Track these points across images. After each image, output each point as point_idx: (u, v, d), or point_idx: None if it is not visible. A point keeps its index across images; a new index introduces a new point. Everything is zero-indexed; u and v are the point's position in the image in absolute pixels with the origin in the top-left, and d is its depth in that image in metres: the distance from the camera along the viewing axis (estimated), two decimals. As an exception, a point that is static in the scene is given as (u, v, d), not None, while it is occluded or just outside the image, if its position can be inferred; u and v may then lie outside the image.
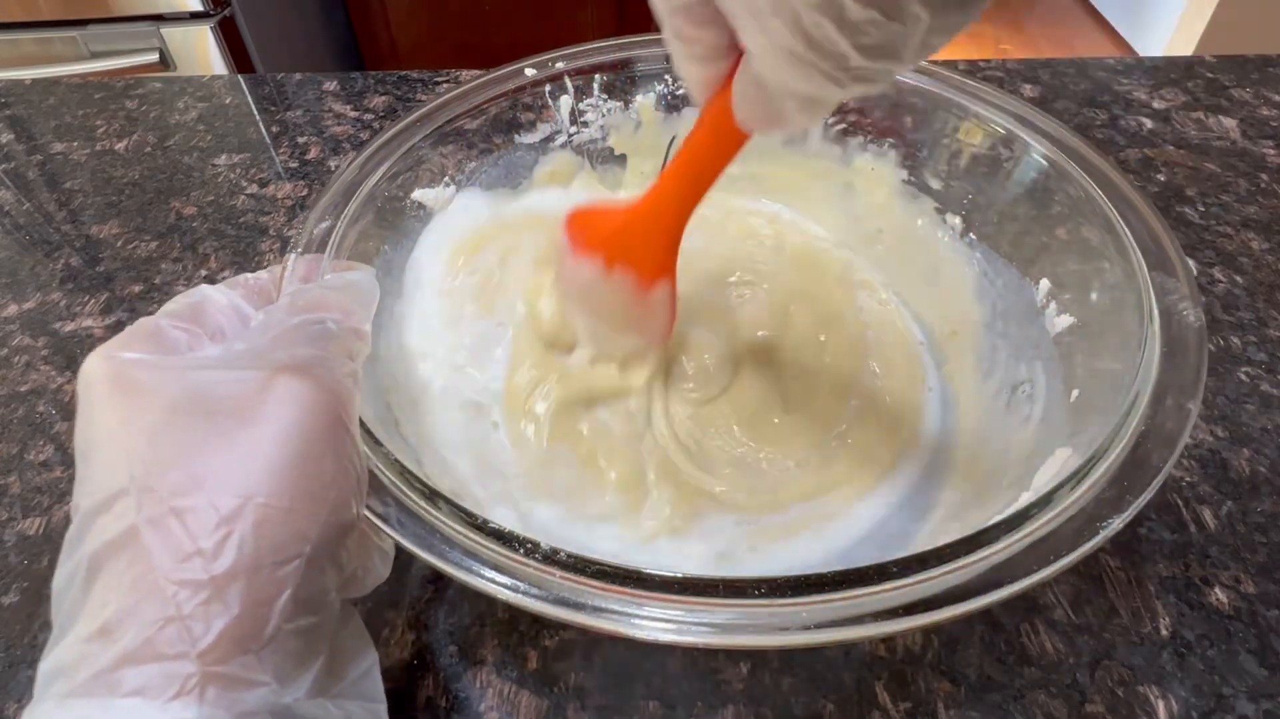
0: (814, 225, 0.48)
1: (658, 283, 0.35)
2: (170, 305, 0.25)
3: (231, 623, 0.20)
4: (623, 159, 0.48)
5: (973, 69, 0.67)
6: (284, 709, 0.20)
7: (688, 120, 0.47)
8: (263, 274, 0.29)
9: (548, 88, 0.45)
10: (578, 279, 0.36)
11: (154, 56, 1.25)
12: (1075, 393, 0.33)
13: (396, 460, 0.27)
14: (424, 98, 0.65)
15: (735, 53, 0.24)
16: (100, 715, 0.18)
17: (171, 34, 1.25)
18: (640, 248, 0.34)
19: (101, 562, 0.20)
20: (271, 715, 0.20)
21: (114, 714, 0.18)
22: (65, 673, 0.19)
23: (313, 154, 0.61)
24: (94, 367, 0.23)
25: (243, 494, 0.20)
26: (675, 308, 0.36)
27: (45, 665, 0.20)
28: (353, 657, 0.25)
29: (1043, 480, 0.29)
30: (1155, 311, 0.30)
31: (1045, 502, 0.25)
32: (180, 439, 0.21)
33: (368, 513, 0.25)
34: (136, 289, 0.51)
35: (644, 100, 0.46)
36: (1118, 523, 0.24)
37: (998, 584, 0.23)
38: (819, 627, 0.22)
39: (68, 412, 0.44)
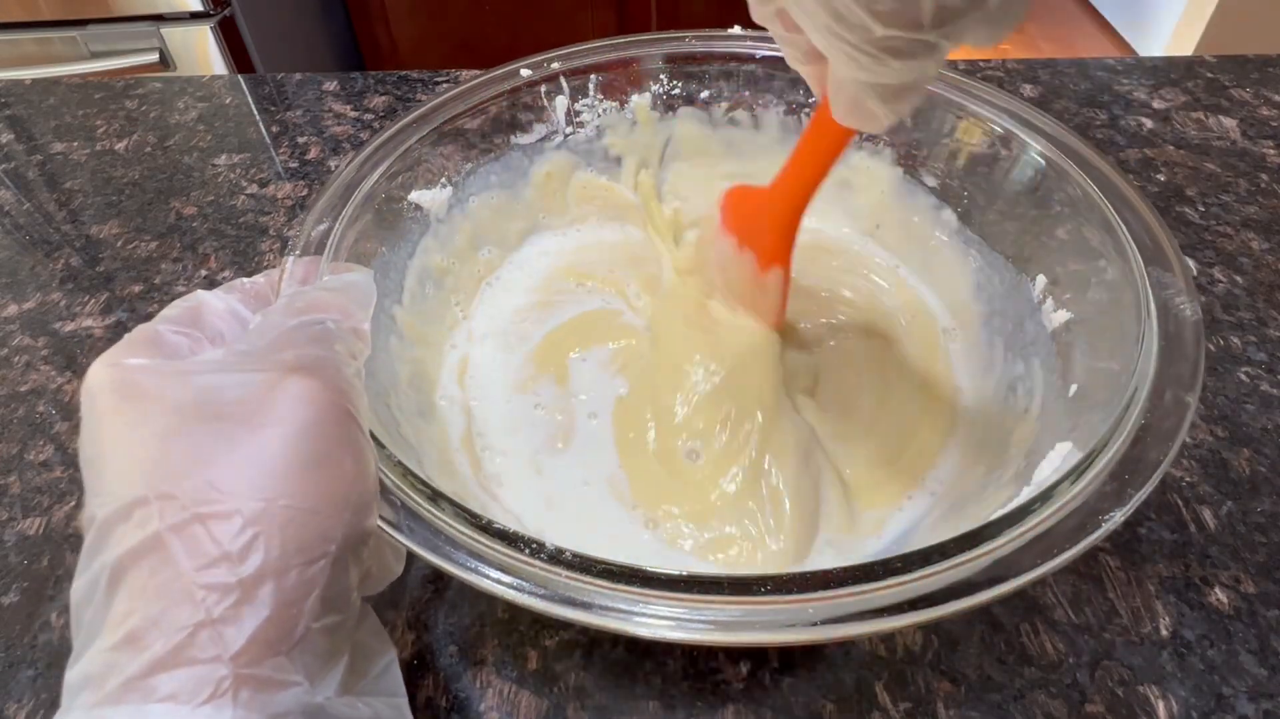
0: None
1: (771, 268, 0.37)
2: (168, 311, 0.25)
3: (262, 625, 0.19)
4: (618, 159, 0.48)
5: (973, 69, 0.67)
6: (316, 708, 0.20)
7: (683, 119, 0.47)
8: (259, 278, 0.29)
9: (543, 88, 0.44)
10: (719, 251, 0.39)
11: (154, 56, 1.25)
12: (1074, 388, 0.33)
13: (400, 463, 0.27)
14: (424, 98, 0.65)
15: None
16: None
17: (171, 34, 1.25)
18: (762, 232, 0.36)
19: (124, 570, 0.20)
20: (304, 715, 0.20)
21: None
22: (93, 683, 0.19)
23: (313, 154, 0.61)
24: (97, 375, 0.22)
25: (265, 496, 0.20)
26: (786, 295, 0.38)
27: (71, 676, 0.20)
28: (372, 654, 0.25)
29: (1043, 475, 0.29)
30: (1153, 307, 0.30)
31: (1046, 496, 0.25)
32: (193, 444, 0.21)
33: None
34: (136, 289, 0.51)
35: (639, 100, 0.46)
36: (1119, 516, 0.24)
37: (1001, 579, 0.23)
38: (824, 623, 0.22)
39: (68, 411, 0.44)
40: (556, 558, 0.23)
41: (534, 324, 0.44)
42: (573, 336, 0.43)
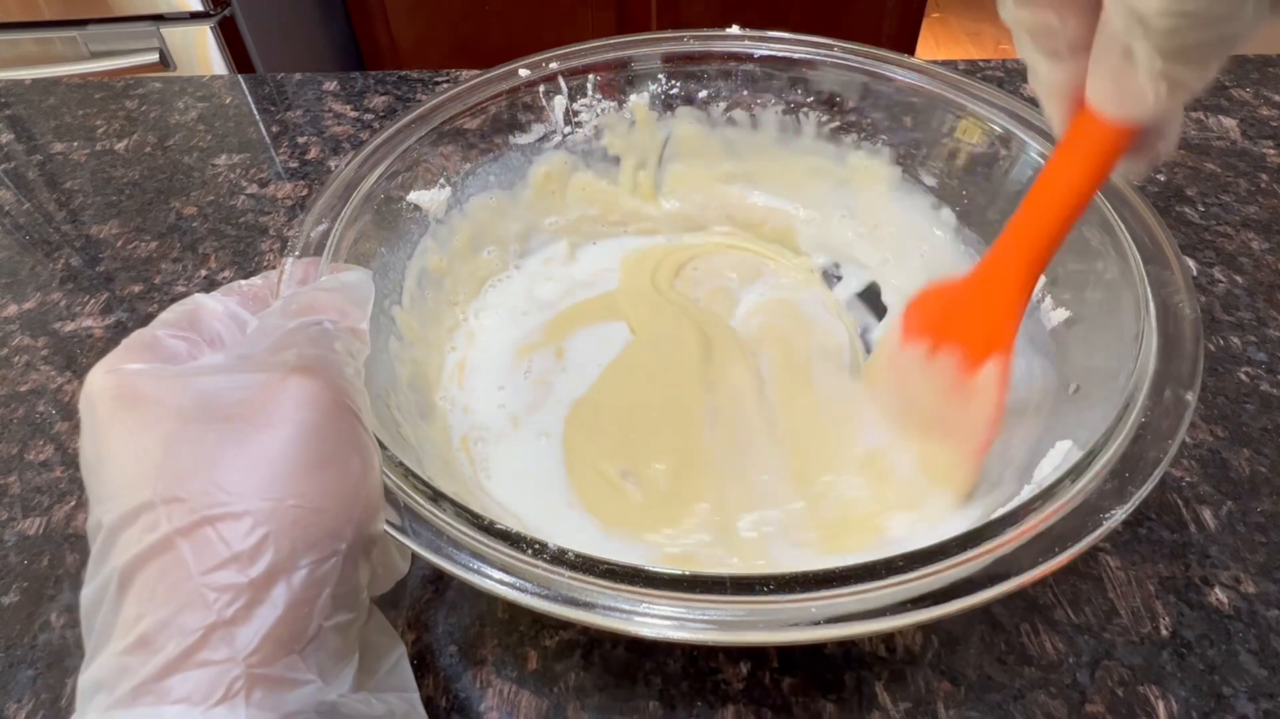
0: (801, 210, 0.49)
1: (986, 360, 0.30)
2: (165, 315, 0.25)
3: (274, 624, 0.20)
4: (617, 159, 0.48)
5: (972, 69, 0.67)
6: (329, 706, 0.21)
7: (681, 119, 0.47)
8: (257, 279, 0.29)
9: (542, 88, 0.44)
10: (896, 368, 0.33)
11: (154, 56, 1.25)
12: (1074, 386, 0.33)
13: (401, 463, 0.27)
14: (424, 98, 0.65)
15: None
16: None
17: (171, 34, 1.25)
18: (974, 316, 0.30)
19: (133, 574, 0.20)
20: (318, 713, 0.20)
21: None
22: (106, 686, 0.19)
23: (313, 154, 0.61)
24: (96, 382, 0.22)
25: (273, 497, 0.20)
26: (1004, 398, 0.30)
27: (83, 681, 0.20)
28: (382, 650, 0.25)
29: (1044, 473, 0.29)
30: (1152, 306, 0.30)
31: (1047, 495, 0.25)
32: (197, 447, 0.21)
33: None
34: (136, 289, 0.51)
35: (638, 100, 0.46)
36: (1120, 514, 0.24)
37: (1001, 578, 0.23)
38: (824, 623, 0.22)
39: (68, 412, 0.44)
40: (559, 558, 0.23)
41: (552, 298, 0.45)
42: (585, 312, 0.44)
